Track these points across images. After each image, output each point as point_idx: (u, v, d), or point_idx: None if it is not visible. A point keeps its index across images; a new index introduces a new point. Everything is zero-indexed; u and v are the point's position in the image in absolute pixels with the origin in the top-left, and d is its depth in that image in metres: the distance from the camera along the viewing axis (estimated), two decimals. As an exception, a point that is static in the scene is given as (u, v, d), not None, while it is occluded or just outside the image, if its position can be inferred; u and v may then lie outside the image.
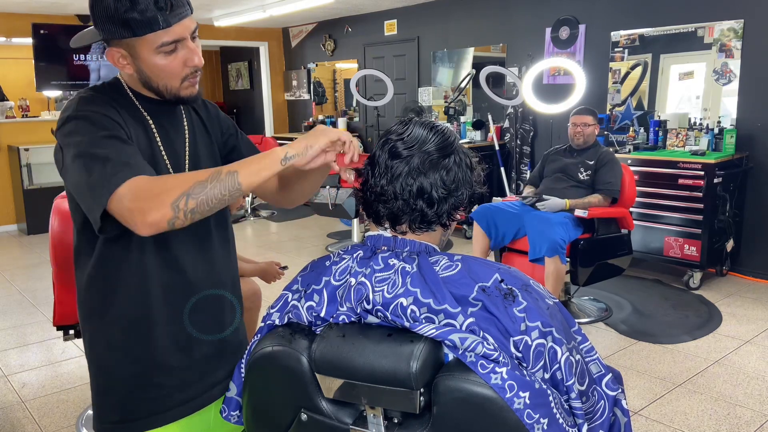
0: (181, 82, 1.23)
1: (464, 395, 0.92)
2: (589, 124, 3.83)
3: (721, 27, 4.45)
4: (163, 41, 1.16)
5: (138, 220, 1.05)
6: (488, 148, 5.79)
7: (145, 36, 1.15)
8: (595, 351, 1.09)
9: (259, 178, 1.09)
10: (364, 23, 7.55)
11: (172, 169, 1.27)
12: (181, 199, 1.05)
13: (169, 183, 1.08)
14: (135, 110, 1.25)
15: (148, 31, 1.14)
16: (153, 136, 1.26)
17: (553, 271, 3.42)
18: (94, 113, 1.15)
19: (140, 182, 1.07)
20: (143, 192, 1.06)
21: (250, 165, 1.09)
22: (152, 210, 1.04)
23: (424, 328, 0.96)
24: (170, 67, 1.20)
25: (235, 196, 1.09)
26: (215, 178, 1.07)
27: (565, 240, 3.43)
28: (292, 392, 1.06)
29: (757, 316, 3.78)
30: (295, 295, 1.14)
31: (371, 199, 1.09)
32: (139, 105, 1.27)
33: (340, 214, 5.18)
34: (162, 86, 1.22)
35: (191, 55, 1.21)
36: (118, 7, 1.11)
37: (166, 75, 1.21)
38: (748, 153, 4.39)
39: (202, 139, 1.38)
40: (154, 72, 1.20)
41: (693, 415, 2.67)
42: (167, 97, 1.25)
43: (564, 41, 5.48)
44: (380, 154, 1.08)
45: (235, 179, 1.07)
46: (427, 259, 1.05)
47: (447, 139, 1.08)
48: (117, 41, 1.17)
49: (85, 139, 1.12)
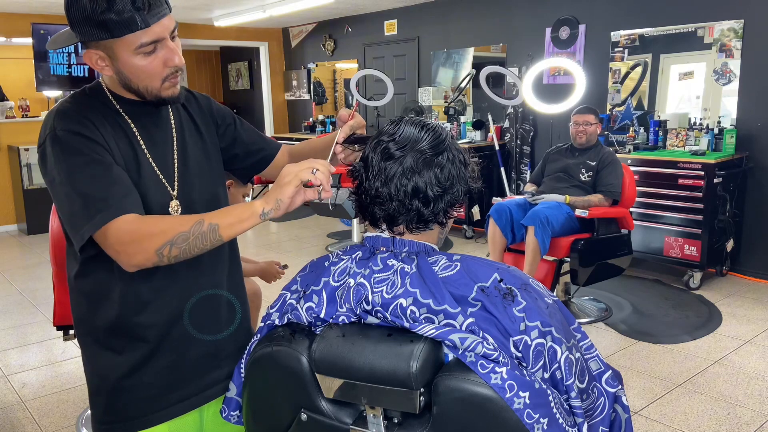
0: (162, 82, 1.20)
1: (464, 395, 0.91)
2: (591, 123, 3.83)
3: (721, 27, 4.45)
4: (142, 42, 1.13)
5: (123, 261, 1.11)
6: (488, 148, 5.78)
7: (123, 37, 1.12)
8: (595, 348, 1.09)
9: (240, 231, 1.11)
10: (364, 23, 7.54)
11: (160, 172, 1.25)
12: (165, 247, 1.08)
13: (153, 228, 1.09)
14: (116, 116, 1.23)
15: (126, 32, 1.11)
16: (137, 141, 1.23)
17: (529, 243, 3.48)
18: (69, 134, 1.13)
19: (122, 225, 1.08)
20: (127, 236, 1.08)
21: (230, 217, 1.11)
22: (137, 254, 1.09)
23: (423, 328, 0.96)
24: (150, 68, 1.17)
25: (217, 245, 1.12)
26: (197, 230, 1.09)
27: (549, 218, 3.44)
28: (292, 392, 1.06)
29: (757, 316, 3.78)
30: (294, 295, 1.14)
31: (366, 201, 1.08)
32: (120, 109, 1.24)
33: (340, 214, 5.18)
34: (142, 87, 1.19)
35: (171, 54, 1.18)
36: (94, 8, 1.08)
37: (146, 76, 1.18)
38: (748, 153, 4.39)
39: (193, 138, 1.35)
40: (134, 73, 1.17)
41: (693, 415, 2.67)
42: (148, 98, 1.22)
43: (564, 41, 5.48)
44: (373, 156, 1.07)
45: (216, 233, 1.10)
46: (426, 260, 1.05)
47: (439, 136, 1.07)
48: (94, 43, 1.14)
49: (63, 167, 1.11)
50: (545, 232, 3.42)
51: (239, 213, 1.11)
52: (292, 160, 1.44)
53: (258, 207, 1.10)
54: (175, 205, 1.27)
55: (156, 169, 1.25)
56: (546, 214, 3.45)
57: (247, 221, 1.10)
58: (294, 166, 1.10)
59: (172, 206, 1.26)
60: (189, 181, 1.30)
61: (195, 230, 1.09)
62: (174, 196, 1.27)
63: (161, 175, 1.26)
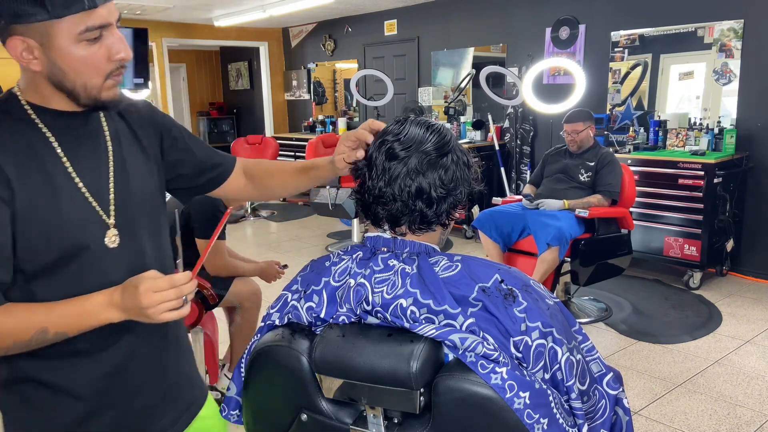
0: (105, 79, 1.01)
1: (464, 395, 0.91)
2: (579, 131, 3.81)
3: (721, 27, 4.45)
4: (88, 26, 0.95)
5: None
6: (488, 148, 5.78)
7: (64, 18, 0.93)
8: (596, 350, 1.09)
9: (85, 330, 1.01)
10: (364, 23, 7.55)
11: (92, 197, 1.05)
12: None
13: None
14: (31, 133, 1.02)
15: (68, 11, 0.93)
16: (57, 161, 1.02)
17: (547, 260, 3.43)
18: None
19: None
20: None
21: (81, 321, 1.00)
22: None
23: (424, 328, 0.96)
24: (93, 60, 0.98)
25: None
26: (39, 339, 0.98)
27: (571, 234, 3.43)
28: (292, 392, 1.06)
29: (757, 316, 3.78)
30: (295, 295, 1.13)
31: (369, 201, 1.08)
32: (39, 122, 1.03)
33: (340, 214, 5.18)
34: (80, 85, 1.00)
35: (119, 45, 1.00)
36: None
37: (88, 70, 0.99)
38: (748, 153, 4.39)
39: (133, 152, 1.14)
40: (73, 66, 0.98)
41: (693, 415, 2.67)
42: (83, 101, 1.02)
43: (564, 41, 5.48)
44: (377, 155, 1.07)
45: (64, 336, 1.00)
46: (427, 260, 1.04)
47: (444, 137, 1.07)
48: (23, 27, 0.94)
49: None
50: (564, 248, 3.43)
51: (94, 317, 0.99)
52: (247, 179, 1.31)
53: (113, 316, 1.00)
54: (113, 235, 1.08)
55: (86, 194, 1.05)
56: (563, 229, 3.41)
57: (93, 326, 1.01)
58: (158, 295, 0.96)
59: (108, 237, 1.07)
60: (130, 205, 1.11)
61: (36, 339, 0.97)
62: (111, 224, 1.08)
63: (93, 201, 1.06)
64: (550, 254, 3.41)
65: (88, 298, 1.01)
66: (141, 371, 1.16)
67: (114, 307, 0.99)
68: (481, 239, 3.77)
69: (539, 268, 3.44)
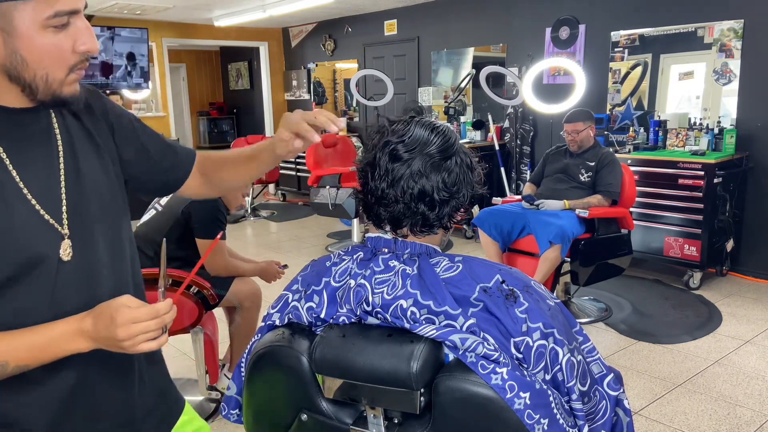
0: (68, 72, 0.91)
1: (465, 395, 0.91)
2: (580, 130, 3.81)
3: (721, 27, 4.45)
4: (57, 10, 0.86)
5: None
6: (488, 148, 5.78)
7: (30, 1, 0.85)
8: (597, 351, 1.09)
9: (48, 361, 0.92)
10: (364, 23, 7.55)
11: (40, 205, 0.94)
12: None
13: None
14: None
15: None
16: (4, 168, 0.91)
17: (549, 258, 3.43)
18: None
19: None
20: None
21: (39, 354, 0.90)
22: None
23: (424, 329, 0.96)
24: (58, 50, 0.89)
25: None
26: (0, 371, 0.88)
27: (573, 232, 3.43)
28: (293, 392, 1.06)
29: (757, 316, 3.78)
30: (296, 295, 1.13)
31: (372, 202, 1.08)
32: None
33: (340, 214, 5.18)
34: (40, 78, 0.90)
35: (86, 35, 0.90)
36: None
37: (52, 60, 0.89)
38: (748, 153, 4.39)
39: (86, 151, 1.02)
40: (36, 55, 0.88)
41: (693, 415, 2.67)
42: (40, 95, 0.91)
43: (564, 41, 5.48)
44: (381, 156, 1.06)
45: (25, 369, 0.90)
46: (427, 261, 1.04)
47: (448, 140, 1.06)
48: None
49: None
50: (566, 246, 3.43)
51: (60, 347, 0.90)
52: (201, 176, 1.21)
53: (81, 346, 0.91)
54: (67, 246, 0.96)
55: (32, 202, 0.93)
56: (565, 227, 3.42)
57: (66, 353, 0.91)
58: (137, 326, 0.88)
59: (63, 249, 0.95)
60: (85, 212, 0.99)
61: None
62: (65, 235, 0.96)
63: (41, 209, 0.94)
64: (552, 252, 3.41)
65: (52, 326, 0.91)
66: (101, 392, 1.03)
67: (83, 337, 0.90)
68: (480, 237, 3.77)
69: (542, 267, 3.44)
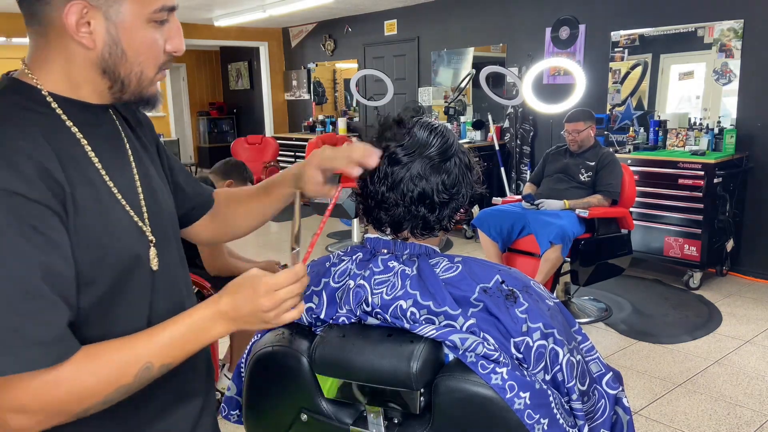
0: (157, 71, 0.87)
1: (464, 395, 0.91)
2: (580, 130, 3.81)
3: (721, 27, 4.45)
4: (163, 4, 0.82)
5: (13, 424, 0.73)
6: (488, 148, 5.78)
7: None
8: (596, 350, 1.09)
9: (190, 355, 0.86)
10: (364, 23, 7.55)
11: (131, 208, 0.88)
12: (91, 408, 0.77)
13: (87, 383, 0.76)
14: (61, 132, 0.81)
15: None
16: (93, 168, 0.84)
17: (550, 258, 3.43)
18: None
19: (52, 391, 0.74)
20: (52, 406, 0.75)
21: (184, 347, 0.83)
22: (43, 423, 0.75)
23: (424, 329, 0.96)
24: (156, 46, 0.84)
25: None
26: (144, 377, 0.80)
27: (573, 232, 3.43)
28: (292, 392, 1.06)
29: (757, 316, 3.78)
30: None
31: (371, 205, 1.07)
32: (66, 119, 0.82)
33: (340, 214, 5.17)
34: (135, 74, 0.84)
35: (178, 34, 0.86)
36: None
37: (148, 56, 0.84)
38: (748, 153, 4.39)
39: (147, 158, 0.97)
40: (135, 49, 0.82)
41: (693, 415, 2.67)
42: (128, 93, 0.86)
43: (564, 41, 5.48)
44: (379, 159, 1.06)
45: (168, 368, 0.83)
46: (427, 262, 1.04)
47: (447, 141, 1.05)
48: None
49: None
50: (567, 246, 3.43)
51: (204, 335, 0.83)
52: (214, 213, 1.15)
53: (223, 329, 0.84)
54: (154, 253, 0.91)
55: (123, 202, 0.87)
56: (565, 227, 3.42)
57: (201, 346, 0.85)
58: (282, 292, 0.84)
59: (151, 255, 0.90)
60: (160, 218, 0.94)
61: (141, 378, 0.79)
62: (152, 242, 0.91)
63: (133, 214, 0.88)
64: (553, 252, 3.41)
65: (188, 315, 0.83)
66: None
67: (223, 319, 0.83)
68: (480, 238, 3.78)
69: (543, 267, 3.44)
